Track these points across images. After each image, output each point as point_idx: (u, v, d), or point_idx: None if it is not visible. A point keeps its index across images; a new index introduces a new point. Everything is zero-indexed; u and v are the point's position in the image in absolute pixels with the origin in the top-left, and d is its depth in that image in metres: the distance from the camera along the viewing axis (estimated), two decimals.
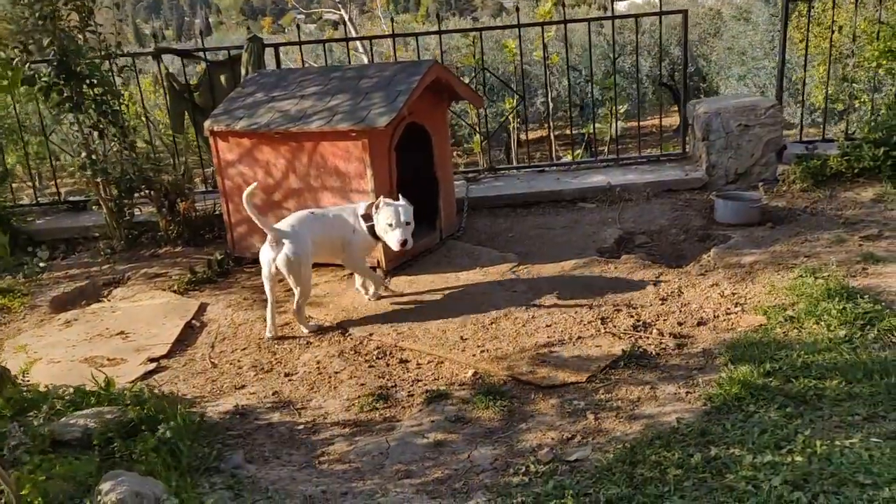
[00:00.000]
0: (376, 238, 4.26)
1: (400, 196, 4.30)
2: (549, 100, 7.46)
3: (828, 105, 6.71)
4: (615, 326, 3.90)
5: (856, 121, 6.59)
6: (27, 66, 5.33)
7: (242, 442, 3.16)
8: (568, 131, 10.04)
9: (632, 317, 3.99)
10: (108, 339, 4.27)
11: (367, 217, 4.22)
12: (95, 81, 5.46)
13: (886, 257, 4.39)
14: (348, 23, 12.70)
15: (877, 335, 3.44)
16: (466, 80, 7.74)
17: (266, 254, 4.05)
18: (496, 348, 3.77)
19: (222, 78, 6.34)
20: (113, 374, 3.45)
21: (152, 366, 3.94)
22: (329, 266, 4.94)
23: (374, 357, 3.85)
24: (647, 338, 3.77)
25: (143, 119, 6.77)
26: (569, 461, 2.82)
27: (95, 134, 5.55)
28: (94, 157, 5.48)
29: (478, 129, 7.77)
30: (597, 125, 7.96)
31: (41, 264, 4.65)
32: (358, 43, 8.55)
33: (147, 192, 5.66)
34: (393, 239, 4.13)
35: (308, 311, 4.36)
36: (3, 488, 2.33)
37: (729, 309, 4.01)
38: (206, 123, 5.08)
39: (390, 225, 4.11)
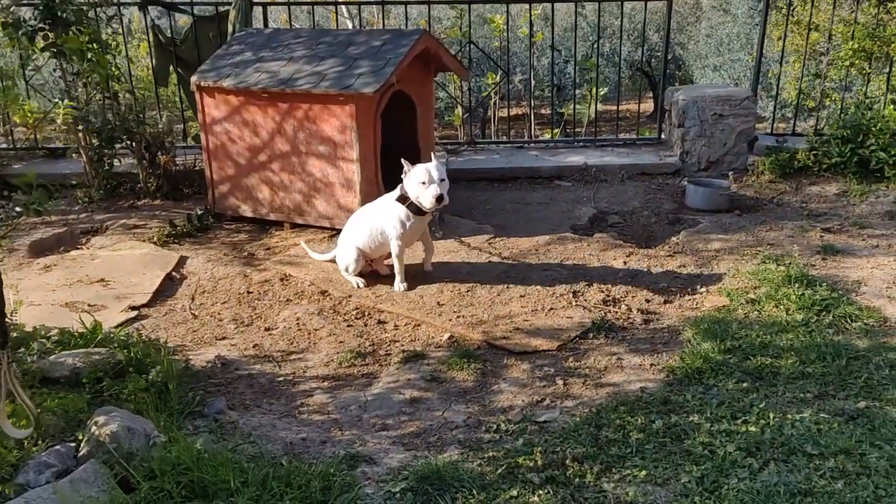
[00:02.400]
0: (419, 213, 4.08)
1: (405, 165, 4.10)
2: (532, 77, 7.56)
3: (800, 101, 6.92)
4: (586, 300, 4.06)
5: (825, 118, 6.79)
6: (11, 9, 5.29)
7: (224, 390, 3.26)
8: (543, 111, 10.16)
9: (602, 292, 4.15)
10: (89, 286, 4.31)
11: (403, 198, 4.06)
12: (81, 29, 5.43)
13: (845, 249, 4.61)
14: None
15: (832, 321, 3.66)
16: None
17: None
18: (472, 315, 3.91)
19: (209, 34, 6.33)
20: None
21: (133, 314, 4.00)
22: (310, 227, 5.03)
23: (353, 317, 3.96)
24: (616, 312, 3.93)
25: (128, 69, 6.72)
26: (538, 422, 2.98)
27: (79, 82, 5.53)
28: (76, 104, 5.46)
29: (460, 101, 7.85)
30: (574, 106, 8.07)
31: (17, 209, 4.66)
32: (344, 8, 8.53)
33: (128, 143, 5.66)
34: (428, 195, 3.93)
35: (287, 270, 4.46)
36: None
37: (694, 289, 4.19)
38: (193, 78, 5.09)
39: (423, 183, 3.94)
